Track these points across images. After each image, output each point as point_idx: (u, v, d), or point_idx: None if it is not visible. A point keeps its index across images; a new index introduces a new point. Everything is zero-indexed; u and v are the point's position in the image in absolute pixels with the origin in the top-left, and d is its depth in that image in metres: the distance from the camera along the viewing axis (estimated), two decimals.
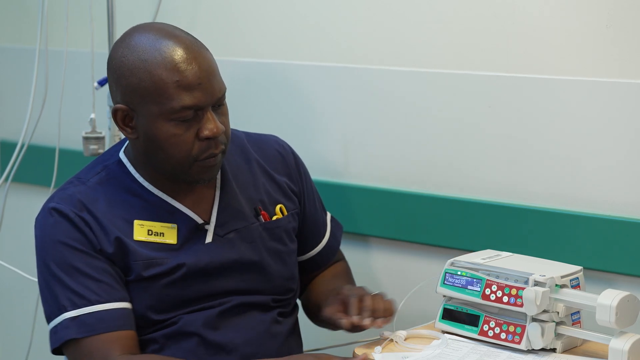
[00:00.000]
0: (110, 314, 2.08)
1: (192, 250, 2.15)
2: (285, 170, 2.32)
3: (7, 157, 3.05)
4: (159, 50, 2.05)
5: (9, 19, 3.34)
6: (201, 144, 2.08)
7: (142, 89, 2.05)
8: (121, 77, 2.08)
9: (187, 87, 2.04)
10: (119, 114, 2.11)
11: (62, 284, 2.09)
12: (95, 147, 2.78)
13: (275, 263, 2.24)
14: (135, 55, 2.06)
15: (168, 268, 2.13)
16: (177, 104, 2.04)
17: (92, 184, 2.16)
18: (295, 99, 2.72)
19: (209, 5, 2.84)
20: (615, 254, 2.29)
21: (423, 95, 2.52)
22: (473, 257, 2.21)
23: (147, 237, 2.13)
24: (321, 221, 2.40)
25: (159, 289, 2.13)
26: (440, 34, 2.49)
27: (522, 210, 2.40)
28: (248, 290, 2.20)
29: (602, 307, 1.97)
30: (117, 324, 2.08)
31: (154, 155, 2.10)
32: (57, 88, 2.82)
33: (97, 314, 2.08)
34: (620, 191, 2.29)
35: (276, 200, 2.28)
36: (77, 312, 2.08)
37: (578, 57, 2.32)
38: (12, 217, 3.05)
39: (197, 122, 2.07)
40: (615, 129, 2.28)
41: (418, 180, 2.55)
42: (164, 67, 2.04)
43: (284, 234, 2.27)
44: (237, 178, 2.25)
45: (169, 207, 2.16)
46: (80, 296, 2.08)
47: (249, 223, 2.22)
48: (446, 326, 2.17)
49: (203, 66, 2.06)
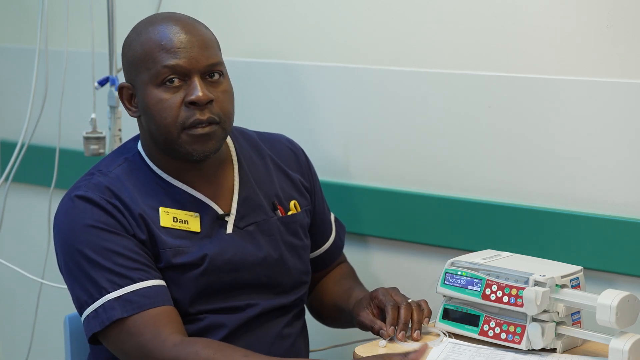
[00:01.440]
0: (154, 291, 2.08)
1: (214, 240, 2.17)
2: (298, 168, 2.35)
3: (7, 157, 3.05)
4: (153, 25, 2.14)
5: (9, 19, 3.34)
6: (187, 111, 2.10)
7: (135, 59, 2.13)
8: (123, 55, 2.18)
9: (170, 50, 2.10)
10: (124, 92, 2.18)
11: (98, 267, 2.08)
12: (95, 147, 2.78)
13: (292, 257, 2.26)
14: (134, 33, 2.17)
15: (193, 258, 2.14)
16: (159, 64, 2.10)
17: (116, 175, 2.16)
18: (296, 99, 2.72)
19: (210, 5, 2.84)
20: (615, 254, 2.29)
21: (423, 95, 2.52)
22: (473, 257, 2.21)
23: (172, 224, 2.15)
24: (327, 220, 2.42)
25: (185, 278, 2.13)
26: (440, 34, 2.49)
27: (522, 210, 2.40)
28: (270, 284, 2.22)
29: (602, 307, 1.97)
30: (162, 299, 2.08)
31: (150, 128, 2.13)
32: (57, 88, 2.82)
33: (141, 292, 2.07)
34: (620, 191, 2.29)
35: (290, 196, 2.30)
36: (120, 291, 2.06)
37: (578, 57, 2.32)
38: (12, 217, 3.05)
39: (184, 89, 2.11)
40: (615, 128, 2.28)
41: (418, 180, 2.55)
42: (153, 35, 2.12)
43: (300, 229, 2.29)
44: (253, 173, 2.27)
45: (190, 197, 2.18)
46: (121, 276, 2.07)
47: (267, 217, 2.24)
48: (446, 326, 2.17)
49: (192, 34, 2.12)
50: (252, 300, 2.20)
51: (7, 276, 3.14)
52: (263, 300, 2.21)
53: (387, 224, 2.58)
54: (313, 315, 2.45)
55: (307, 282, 2.32)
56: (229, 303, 2.18)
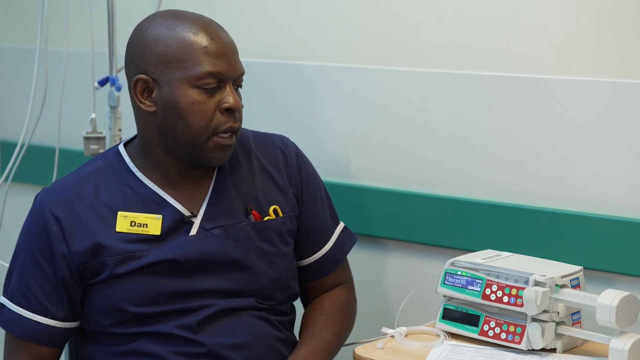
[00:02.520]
0: (27, 323, 2.15)
1: (174, 243, 2.15)
2: (286, 170, 2.30)
3: (7, 157, 3.05)
4: (187, 22, 2.13)
5: (9, 19, 3.34)
6: (221, 117, 2.12)
7: (169, 55, 2.11)
8: (146, 46, 2.13)
9: (214, 55, 2.11)
10: (139, 84, 2.14)
11: (10, 271, 2.19)
12: (95, 147, 2.78)
13: (263, 264, 2.21)
14: (163, 27, 2.13)
15: (146, 262, 2.14)
16: (203, 68, 2.10)
17: (87, 172, 2.20)
18: (297, 99, 2.72)
19: (210, 5, 2.84)
20: (615, 254, 2.29)
21: (423, 95, 2.52)
22: (473, 257, 2.21)
23: (129, 228, 2.15)
24: (323, 228, 2.35)
25: (135, 281, 2.13)
26: (440, 34, 2.49)
27: (522, 210, 2.40)
28: (229, 290, 2.18)
29: (602, 307, 1.97)
30: (30, 335, 2.15)
31: (173, 126, 2.12)
32: (57, 88, 2.82)
33: (14, 315, 2.16)
34: (620, 191, 2.29)
35: (273, 200, 2.26)
36: (5, 301, 2.18)
37: (578, 57, 2.32)
38: (12, 217, 3.05)
39: (218, 94, 2.12)
40: (615, 129, 2.28)
41: (418, 180, 2.55)
42: (193, 33, 2.11)
43: (275, 235, 2.24)
44: (234, 173, 2.24)
45: (157, 198, 2.17)
46: (12, 290, 2.16)
47: (237, 221, 2.21)
48: (446, 326, 2.17)
49: (227, 40, 2.15)
50: (206, 302, 2.16)
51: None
52: (220, 301, 2.17)
53: (387, 223, 2.57)
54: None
55: (280, 294, 2.24)
56: (180, 306, 2.15)
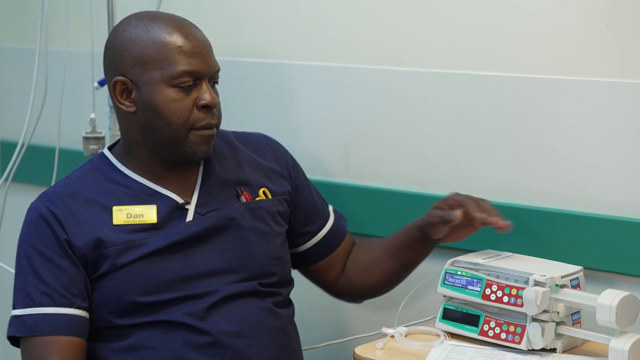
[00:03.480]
0: (54, 319, 2.14)
1: (172, 230, 2.19)
2: (274, 157, 2.38)
3: (7, 157, 3.05)
4: (161, 23, 2.19)
5: (9, 19, 3.34)
6: (198, 113, 2.18)
7: (146, 56, 2.16)
8: (123, 49, 2.18)
9: (189, 53, 2.17)
10: (118, 86, 2.19)
11: (19, 282, 2.19)
12: (95, 147, 2.78)
13: (258, 241, 2.26)
14: (138, 28, 2.19)
15: (148, 250, 2.17)
16: (179, 68, 2.16)
17: (75, 177, 2.24)
18: (296, 99, 2.72)
19: (210, 5, 2.84)
20: (615, 254, 2.29)
21: (423, 95, 2.52)
22: (473, 257, 2.21)
23: (125, 220, 2.19)
24: (320, 207, 2.43)
25: (138, 270, 2.16)
26: (440, 34, 2.49)
27: (522, 210, 2.40)
28: (229, 269, 2.21)
29: (602, 307, 1.97)
30: (59, 329, 2.14)
31: (153, 125, 2.17)
32: (57, 88, 2.82)
33: (37, 317, 2.14)
34: (620, 191, 2.29)
35: (261, 183, 2.33)
36: (21, 311, 2.16)
37: (578, 57, 2.32)
38: (12, 217, 3.05)
39: (195, 91, 2.18)
40: (615, 128, 2.28)
41: (418, 180, 2.55)
42: (168, 34, 2.17)
43: (267, 215, 2.30)
44: (221, 164, 2.30)
45: (150, 191, 2.22)
46: (28, 296, 2.15)
47: (229, 203, 2.26)
48: (446, 326, 2.17)
49: (201, 39, 2.21)
50: (210, 287, 2.19)
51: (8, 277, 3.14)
52: (225, 286, 2.21)
53: (387, 224, 2.57)
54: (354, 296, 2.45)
55: (276, 272, 2.28)
56: (186, 292, 2.18)
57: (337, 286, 2.45)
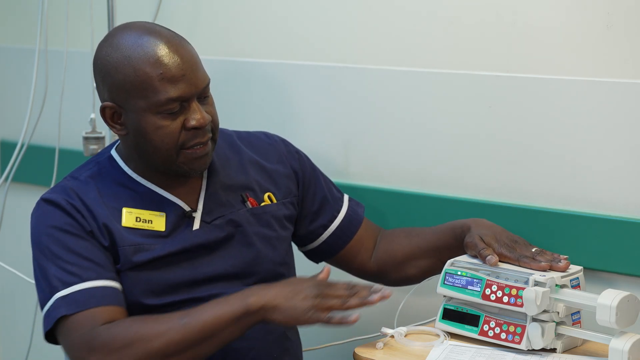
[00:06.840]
0: (101, 291, 2.10)
1: (180, 238, 2.18)
2: (278, 158, 2.35)
3: (7, 157, 3.05)
4: (142, 46, 2.10)
5: (9, 19, 3.34)
6: (187, 134, 2.13)
7: (128, 85, 2.10)
8: (107, 75, 2.13)
9: (171, 80, 2.09)
10: (107, 111, 2.16)
11: (53, 266, 2.12)
12: (95, 147, 2.78)
13: (265, 247, 2.26)
14: (119, 53, 2.11)
15: (156, 255, 2.16)
16: (162, 96, 2.09)
17: (84, 178, 2.20)
18: (295, 99, 2.72)
19: (210, 5, 2.84)
20: (616, 254, 2.29)
21: (423, 95, 2.52)
22: (473, 258, 2.21)
23: (135, 223, 2.17)
24: (334, 196, 2.40)
25: (145, 274, 2.15)
26: (440, 34, 2.49)
27: (522, 210, 2.40)
28: (235, 274, 2.21)
29: (602, 307, 1.97)
30: (108, 300, 2.10)
31: (144, 148, 2.15)
32: (57, 88, 2.82)
33: (87, 291, 2.09)
34: (620, 191, 2.29)
35: (266, 188, 2.31)
36: (68, 290, 2.09)
37: (578, 57, 2.32)
38: (12, 217, 3.05)
39: (183, 113, 2.12)
40: (615, 129, 2.28)
41: (418, 180, 2.55)
42: (147, 61, 2.09)
43: (273, 220, 2.29)
44: (225, 169, 2.28)
45: (157, 197, 2.20)
46: (71, 274, 2.10)
47: (235, 209, 2.25)
48: (446, 326, 2.17)
49: (185, 58, 2.11)
50: (215, 291, 2.18)
51: (8, 277, 3.14)
52: (230, 290, 2.17)
53: (387, 224, 2.57)
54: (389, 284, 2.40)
55: (284, 274, 2.29)
56: (191, 295, 2.17)
57: (367, 272, 2.42)
